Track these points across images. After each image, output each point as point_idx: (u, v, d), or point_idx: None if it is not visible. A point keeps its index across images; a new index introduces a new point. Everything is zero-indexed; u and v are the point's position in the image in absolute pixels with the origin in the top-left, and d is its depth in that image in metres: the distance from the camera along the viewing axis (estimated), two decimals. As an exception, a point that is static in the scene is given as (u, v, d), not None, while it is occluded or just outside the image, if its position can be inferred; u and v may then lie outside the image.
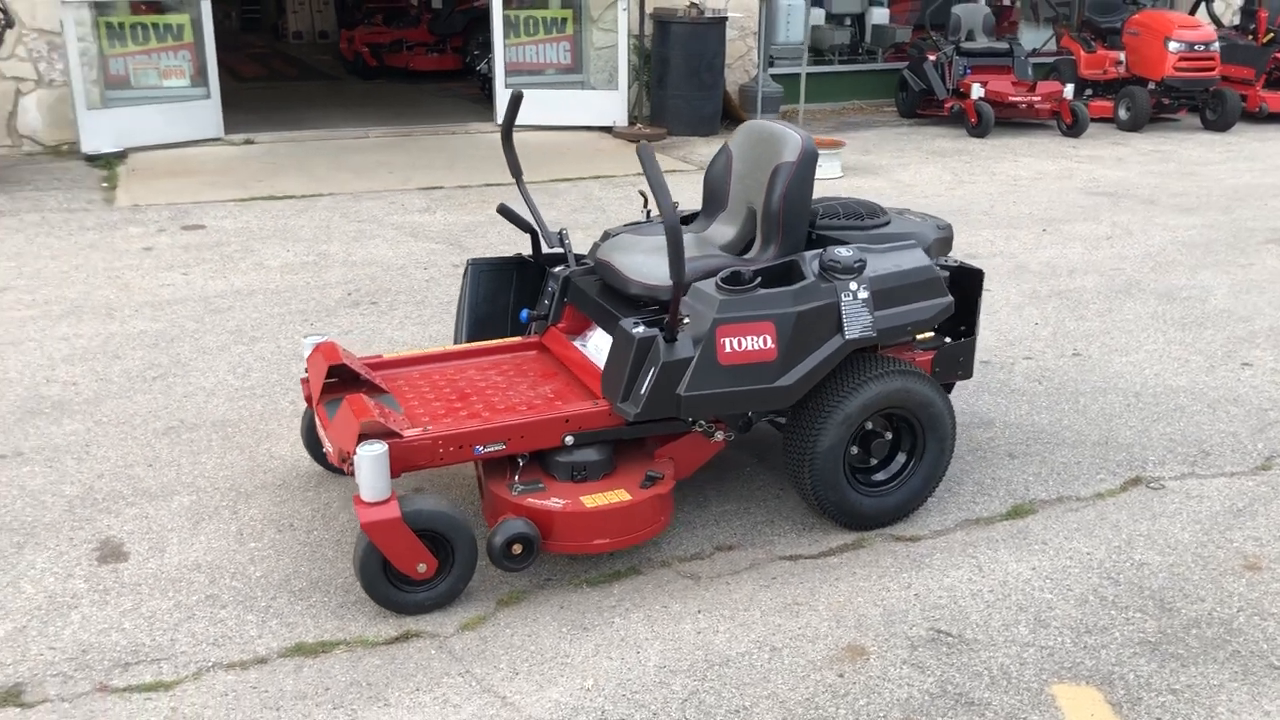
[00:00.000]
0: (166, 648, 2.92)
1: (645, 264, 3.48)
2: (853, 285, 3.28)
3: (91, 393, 4.51)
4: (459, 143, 10.32)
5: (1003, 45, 11.34)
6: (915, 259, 3.41)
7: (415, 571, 3.01)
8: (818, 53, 12.70)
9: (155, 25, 10.06)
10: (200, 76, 10.20)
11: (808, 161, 3.41)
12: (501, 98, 11.03)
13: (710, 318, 3.18)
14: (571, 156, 9.63)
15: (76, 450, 4.00)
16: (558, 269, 3.83)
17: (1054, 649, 2.92)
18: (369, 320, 5.39)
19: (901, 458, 3.54)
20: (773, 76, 11.61)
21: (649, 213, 4.08)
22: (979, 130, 10.68)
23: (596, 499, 3.17)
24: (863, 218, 3.66)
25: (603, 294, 3.60)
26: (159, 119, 9.89)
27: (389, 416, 3.18)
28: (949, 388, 3.97)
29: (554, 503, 3.15)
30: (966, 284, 3.84)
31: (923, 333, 3.57)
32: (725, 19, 10.78)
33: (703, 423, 3.39)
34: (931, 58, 11.30)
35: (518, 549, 3.06)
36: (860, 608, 3.11)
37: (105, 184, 8.42)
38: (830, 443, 3.34)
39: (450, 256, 6.50)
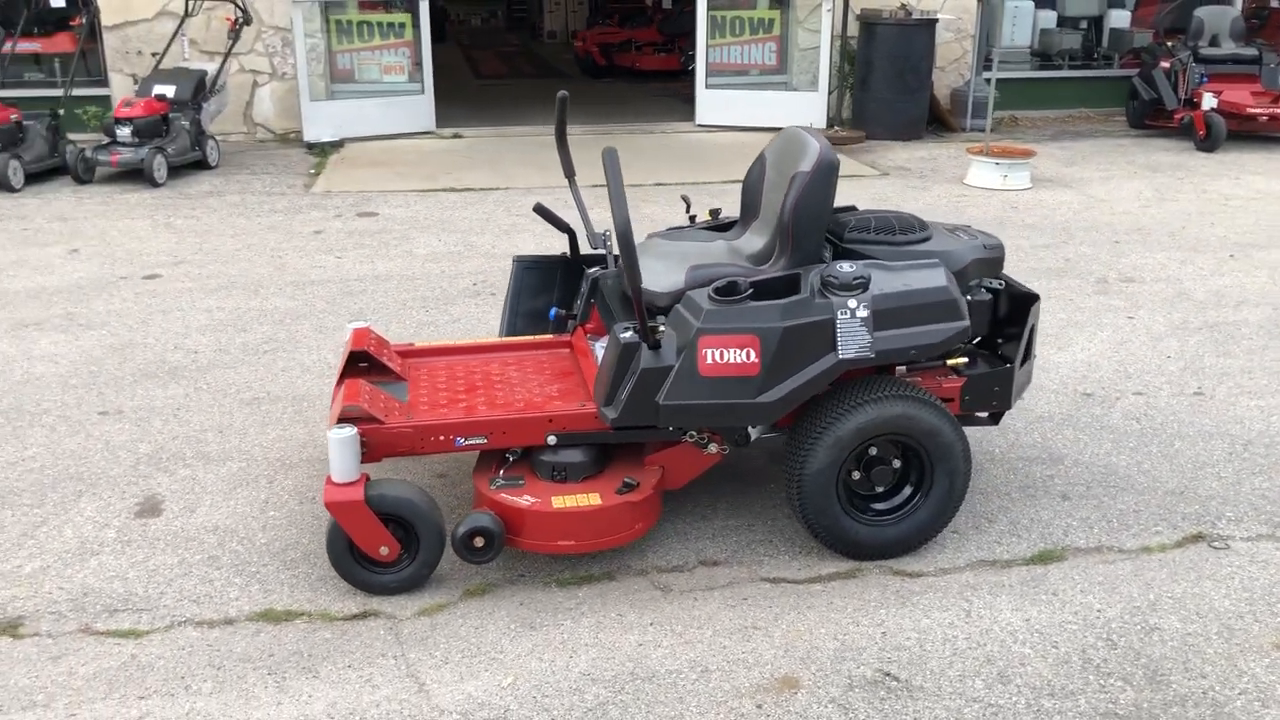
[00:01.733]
0: (154, 600, 3.16)
1: (649, 269, 3.46)
2: (851, 303, 3.14)
3: (206, 361, 4.91)
4: (653, 141, 10.46)
5: (1250, 52, 10.35)
6: (930, 279, 3.22)
7: (378, 553, 3.12)
8: (1045, 57, 12.02)
9: (380, 24, 10.74)
10: (417, 72, 10.80)
11: (823, 172, 3.28)
12: (703, 98, 11.10)
13: (694, 327, 3.12)
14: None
15: (167, 413, 4.38)
16: (592, 270, 3.86)
17: (1001, 709, 2.70)
18: (480, 310, 5.58)
19: (906, 489, 3.35)
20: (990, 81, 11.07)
21: (693, 217, 4.04)
22: (1207, 144, 9.82)
23: (566, 500, 3.19)
24: (895, 232, 3.49)
25: (618, 297, 3.60)
26: (376, 112, 10.56)
27: (382, 403, 3.31)
28: (996, 418, 3.72)
29: (524, 500, 3.19)
30: (1017, 309, 3.58)
31: (930, 357, 3.37)
32: (935, 20, 10.39)
33: (694, 433, 3.34)
34: (1165, 64, 10.46)
35: (479, 542, 3.11)
36: (817, 639, 2.98)
37: (312, 171, 9.09)
38: (820, 465, 3.22)
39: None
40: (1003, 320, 3.59)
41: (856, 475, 3.32)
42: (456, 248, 6.76)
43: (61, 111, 8.95)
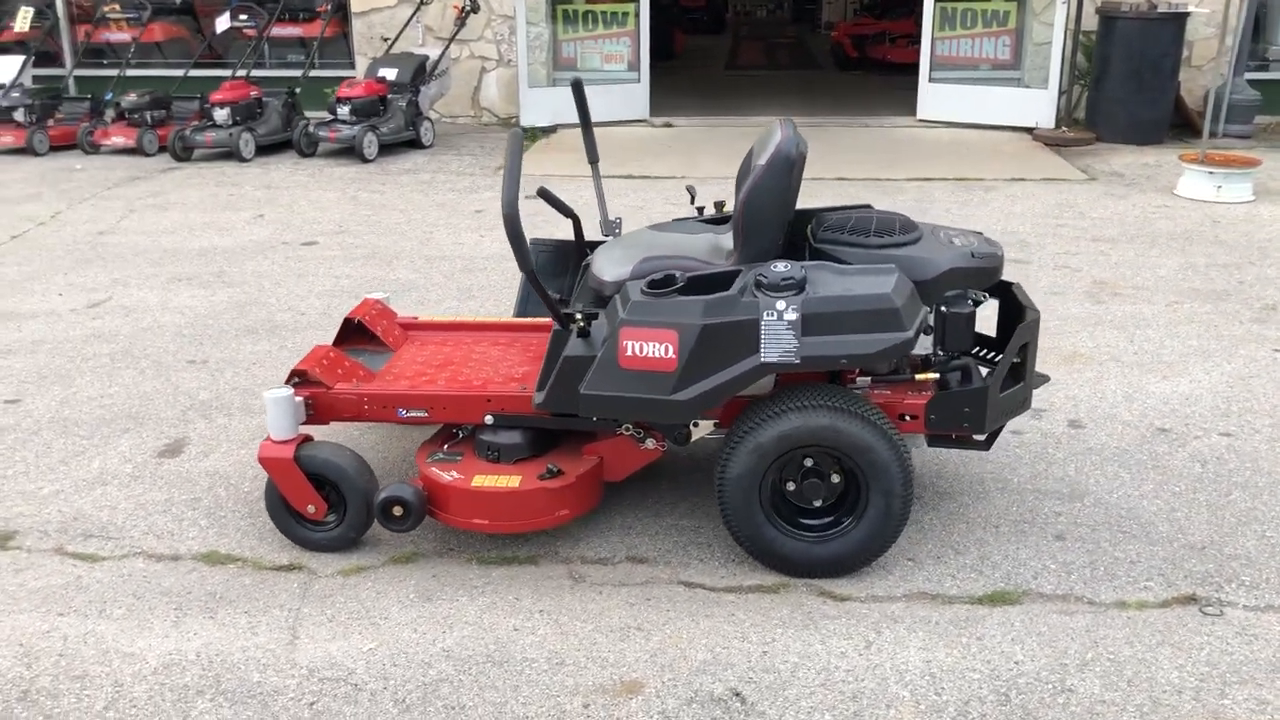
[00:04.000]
0: (125, 530, 3.48)
1: (610, 258, 3.42)
2: (779, 304, 2.98)
3: (306, 323, 5.28)
4: (862, 135, 10.16)
5: None
6: (874, 286, 3.00)
7: (306, 510, 3.29)
8: (1332, 56, 10.67)
9: (604, 13, 11.01)
10: (635, 61, 11.00)
11: (779, 165, 3.13)
12: (926, 92, 10.66)
13: (618, 318, 3.08)
14: (962, 156, 9.09)
15: (242, 366, 4.76)
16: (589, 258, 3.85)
17: (829, 747, 2.51)
18: (577, 294, 5.66)
19: (833, 506, 3.15)
20: (1252, 83, 9.98)
21: (701, 209, 3.95)
22: None
23: (485, 480, 3.22)
24: (869, 234, 3.27)
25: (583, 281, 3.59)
26: (592, 99, 10.80)
27: (341, 369, 3.47)
28: (987, 442, 3.41)
29: (448, 476, 3.25)
30: (1009, 325, 3.28)
31: (862, 367, 3.13)
32: (1185, 15, 9.47)
33: (629, 426, 3.28)
34: None
35: (398, 511, 3.21)
36: (691, 649, 2.87)
37: (512, 153, 9.46)
38: (740, 471, 3.09)
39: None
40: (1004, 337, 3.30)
41: (791, 486, 3.15)
42: (595, 233, 6.86)
43: (299, 90, 9.80)
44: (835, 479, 3.13)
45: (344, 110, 9.14)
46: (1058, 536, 3.38)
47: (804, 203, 3.46)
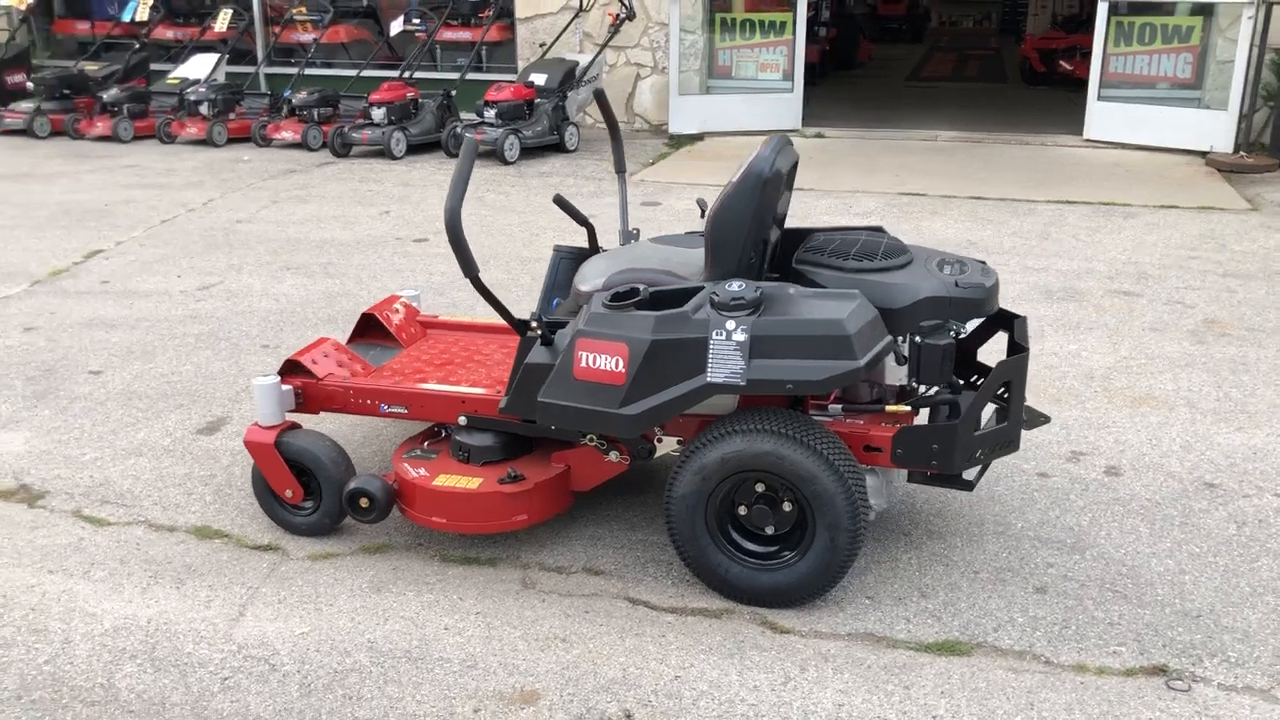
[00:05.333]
0: (138, 499, 3.72)
1: (594, 268, 3.43)
2: (729, 324, 2.92)
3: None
4: (1022, 153, 9.74)
5: None
6: (828, 311, 2.89)
7: (284, 494, 3.43)
8: None
9: (762, 22, 10.96)
10: (791, 70, 10.88)
11: (745, 183, 3.06)
12: (1094, 111, 10.12)
13: (576, 328, 3.09)
14: (1118, 179, 8.58)
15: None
16: (601, 265, 3.86)
17: (694, 781, 2.44)
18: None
19: (787, 534, 3.05)
20: None
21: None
22: None
23: (447, 480, 3.29)
24: (847, 257, 3.16)
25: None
26: (742, 108, 10.82)
27: (338, 362, 3.61)
28: (978, 478, 3.23)
29: (414, 473, 3.33)
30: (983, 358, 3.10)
31: (809, 393, 3.00)
32: (1388, 32, 8.63)
33: (594, 438, 3.28)
34: None
35: (364, 503, 3.31)
36: (606, 666, 2.84)
37: (650, 160, 9.56)
38: (684, 491, 3.04)
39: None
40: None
41: (743, 510, 3.08)
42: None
43: (454, 92, 10.17)
44: (788, 507, 3.03)
45: (490, 113, 9.43)
46: (1039, 589, 3.16)
47: (931, 220, 3.36)
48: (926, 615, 3.05)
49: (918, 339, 3.06)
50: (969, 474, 3.29)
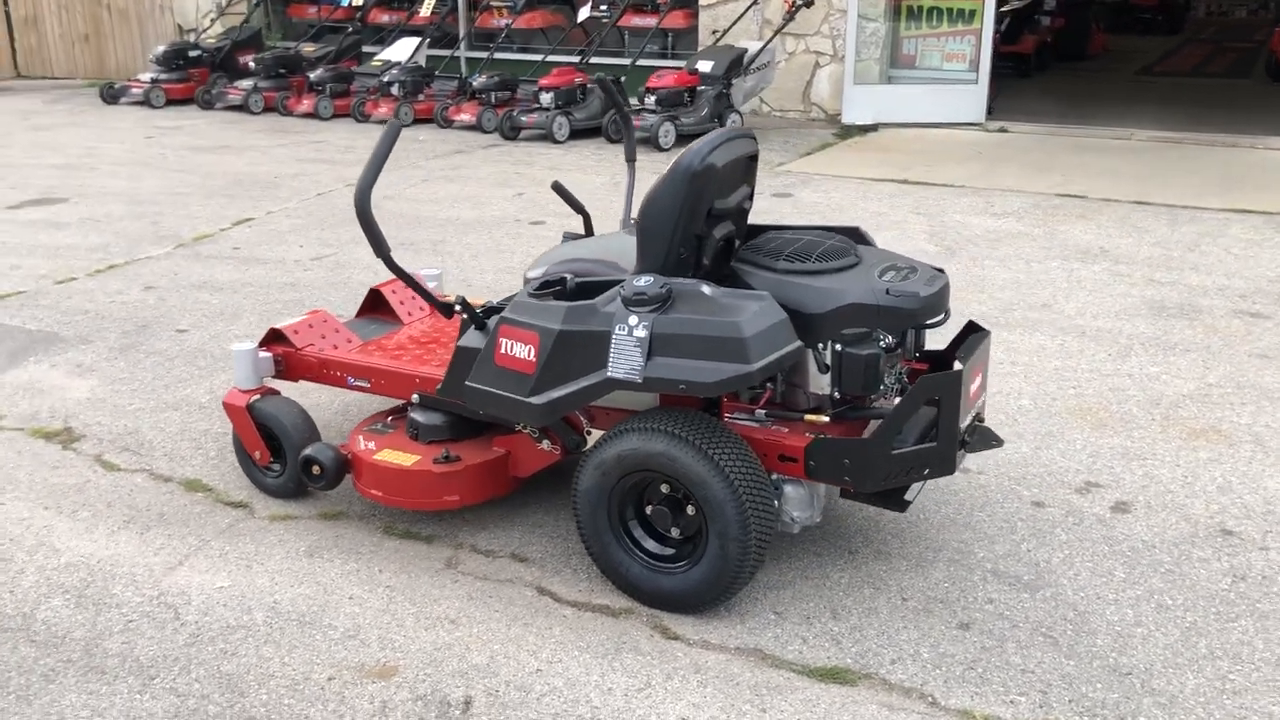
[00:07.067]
0: (153, 450, 4.01)
1: (548, 256, 3.43)
2: (632, 319, 2.86)
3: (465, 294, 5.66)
4: (1215, 155, 8.92)
5: None
6: (729, 313, 2.78)
7: (254, 455, 3.62)
8: None
9: (949, 10, 10.50)
10: (977, 60, 10.38)
11: (676, 177, 2.97)
12: (1314, 111, 9.11)
13: (501, 315, 3.11)
14: (1244, 182, 7.73)
15: (372, 326, 5.20)
16: (592, 252, 3.84)
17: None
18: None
19: (676, 536, 2.97)
20: None
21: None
22: None
23: (387, 455, 3.38)
24: (779, 258, 3.02)
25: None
26: (923, 99, 10.41)
27: (324, 335, 3.76)
28: (904, 503, 3.03)
29: (364, 446, 3.44)
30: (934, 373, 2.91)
31: (700, 395, 2.87)
32: None
33: (527, 425, 3.29)
34: None
35: (315, 470, 3.45)
36: (476, 652, 2.85)
37: (808, 151, 9.36)
38: (587, 485, 3.01)
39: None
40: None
41: (650, 509, 3.02)
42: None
43: (623, 78, 10.26)
44: (691, 511, 2.94)
45: (650, 100, 9.47)
46: (963, 625, 2.93)
47: (1019, 224, 3.24)
48: (827, 638, 2.88)
49: (838, 347, 2.89)
50: (910, 493, 3.09)
